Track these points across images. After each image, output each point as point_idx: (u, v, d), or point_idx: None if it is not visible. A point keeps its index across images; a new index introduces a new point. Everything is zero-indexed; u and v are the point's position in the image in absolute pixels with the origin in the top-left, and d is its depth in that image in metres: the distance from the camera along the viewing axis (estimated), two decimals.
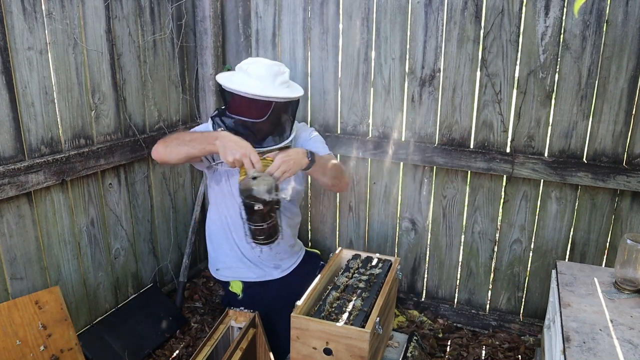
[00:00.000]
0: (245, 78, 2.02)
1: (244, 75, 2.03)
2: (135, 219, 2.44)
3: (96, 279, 2.24)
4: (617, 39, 2.07)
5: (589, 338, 1.42)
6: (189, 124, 2.69)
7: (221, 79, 2.05)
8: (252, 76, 2.01)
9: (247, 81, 2.00)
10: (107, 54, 2.14)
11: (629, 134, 2.16)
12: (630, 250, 1.60)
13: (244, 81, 2.00)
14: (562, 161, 2.24)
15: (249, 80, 2.00)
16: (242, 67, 2.06)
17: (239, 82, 2.00)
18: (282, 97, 2.02)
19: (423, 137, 2.47)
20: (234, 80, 2.02)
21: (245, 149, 1.75)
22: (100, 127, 2.16)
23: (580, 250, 2.36)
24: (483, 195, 2.45)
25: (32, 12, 1.80)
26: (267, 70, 2.03)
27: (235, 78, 2.04)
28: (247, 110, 1.99)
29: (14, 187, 1.78)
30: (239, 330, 1.86)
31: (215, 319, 2.60)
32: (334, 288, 1.84)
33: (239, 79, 2.02)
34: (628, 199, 2.23)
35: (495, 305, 2.59)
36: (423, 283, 2.70)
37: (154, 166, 2.52)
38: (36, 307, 1.81)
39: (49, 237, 2.00)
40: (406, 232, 2.64)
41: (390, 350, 1.97)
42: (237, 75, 2.06)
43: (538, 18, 2.16)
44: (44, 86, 1.89)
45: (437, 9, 2.29)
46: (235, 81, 2.01)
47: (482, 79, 2.31)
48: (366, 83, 2.50)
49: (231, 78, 2.05)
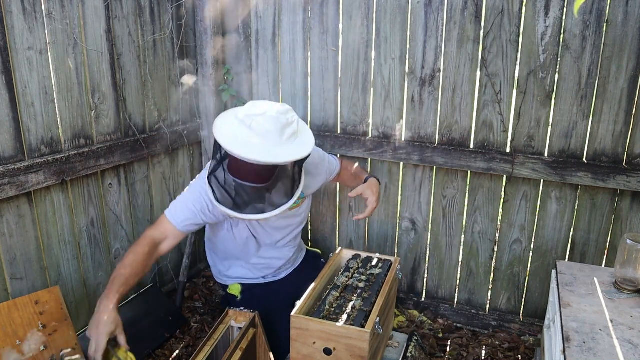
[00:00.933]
0: (248, 135, 1.72)
1: (247, 131, 1.72)
2: (135, 219, 2.44)
3: (96, 279, 2.24)
4: (617, 39, 2.07)
5: (589, 338, 1.42)
6: (188, 124, 2.69)
7: (220, 136, 1.72)
8: (257, 133, 1.71)
9: (251, 140, 1.70)
10: (107, 54, 2.14)
11: (629, 134, 2.16)
12: (630, 250, 1.60)
13: (247, 140, 1.70)
14: (562, 161, 2.24)
15: (253, 139, 1.71)
16: (244, 121, 1.75)
17: (242, 141, 1.70)
18: (291, 159, 1.75)
19: (423, 137, 2.47)
20: (236, 136, 1.72)
21: (96, 335, 1.62)
22: (100, 127, 2.16)
23: (580, 250, 2.36)
24: (483, 195, 2.45)
25: (32, 12, 1.80)
26: (274, 124, 1.72)
27: (238, 133, 1.73)
28: (250, 174, 1.74)
29: (14, 187, 1.78)
30: (239, 330, 1.86)
31: (215, 319, 2.60)
32: (334, 288, 1.84)
33: (242, 138, 1.71)
34: (628, 199, 2.23)
35: (495, 305, 2.59)
36: (423, 283, 2.70)
37: (153, 166, 2.52)
38: (36, 307, 1.81)
39: (49, 237, 2.00)
40: (406, 232, 2.64)
41: (390, 350, 1.97)
42: (239, 130, 1.74)
43: (538, 18, 2.16)
44: (44, 86, 1.89)
45: (437, 9, 2.29)
46: (238, 141, 1.70)
47: (482, 79, 2.31)
48: (366, 83, 2.50)
49: (233, 134, 1.73)
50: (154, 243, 1.88)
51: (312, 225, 2.84)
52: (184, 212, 1.92)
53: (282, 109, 1.79)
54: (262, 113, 1.74)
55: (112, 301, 1.67)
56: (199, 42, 2.64)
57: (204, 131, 2.77)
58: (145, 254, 1.83)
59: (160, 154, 2.53)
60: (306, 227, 2.83)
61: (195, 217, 1.93)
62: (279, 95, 2.69)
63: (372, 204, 2.08)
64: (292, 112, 1.83)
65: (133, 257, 1.80)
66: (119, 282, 1.73)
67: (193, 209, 1.92)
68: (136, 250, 1.82)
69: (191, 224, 1.94)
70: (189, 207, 1.93)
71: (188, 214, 1.92)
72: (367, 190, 2.09)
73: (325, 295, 1.79)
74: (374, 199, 2.08)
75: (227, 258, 2.25)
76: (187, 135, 2.67)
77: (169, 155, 2.61)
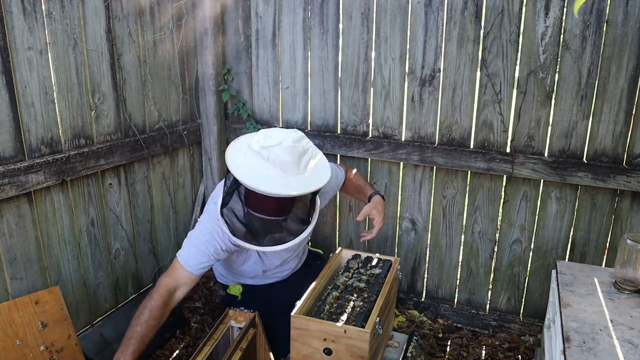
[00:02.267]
0: (265, 167, 1.67)
1: (264, 163, 1.67)
2: (135, 219, 2.44)
3: (96, 279, 2.24)
4: (617, 39, 2.07)
5: (589, 338, 1.42)
6: (188, 124, 2.69)
7: (236, 169, 1.66)
8: (275, 165, 1.67)
9: (269, 172, 1.66)
10: (107, 54, 2.14)
11: (629, 134, 2.16)
12: (630, 250, 1.60)
13: (265, 172, 1.66)
14: (562, 161, 2.24)
15: (271, 171, 1.66)
16: (261, 153, 1.69)
17: (260, 174, 1.65)
18: (312, 189, 1.72)
19: (423, 137, 2.47)
20: (252, 168, 1.67)
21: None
22: (100, 127, 2.16)
23: (580, 250, 2.36)
24: (483, 195, 2.45)
25: (32, 12, 1.80)
26: (291, 154, 1.68)
27: (254, 165, 1.68)
28: (270, 207, 1.70)
29: (14, 187, 1.78)
30: (239, 330, 1.86)
31: (215, 319, 2.60)
32: (334, 288, 1.84)
33: (259, 170, 1.66)
34: (628, 199, 2.23)
35: (495, 305, 2.59)
36: (423, 283, 2.70)
37: (153, 166, 2.52)
38: (36, 307, 1.81)
39: (49, 237, 2.00)
40: (406, 232, 2.64)
41: (390, 350, 1.97)
42: (255, 161, 1.69)
43: (538, 18, 2.16)
44: (44, 86, 1.89)
45: (437, 9, 2.29)
46: (255, 174, 1.65)
47: (482, 79, 2.31)
48: (366, 83, 2.50)
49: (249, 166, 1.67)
50: (169, 293, 1.83)
51: None
52: (197, 256, 1.85)
53: (296, 136, 1.75)
54: (278, 143, 1.69)
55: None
56: (199, 42, 2.64)
57: (204, 131, 2.77)
58: (160, 308, 1.79)
59: (160, 154, 2.53)
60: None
61: (209, 259, 1.87)
62: (279, 95, 2.69)
63: (379, 223, 2.10)
64: (306, 139, 1.79)
65: (149, 313, 1.76)
66: (135, 341, 1.71)
67: (206, 252, 1.86)
68: (151, 306, 1.78)
69: (206, 266, 1.88)
70: (202, 250, 1.86)
71: (202, 258, 1.86)
72: (373, 210, 2.11)
73: (325, 295, 1.79)
74: (380, 219, 2.10)
75: (231, 273, 2.24)
76: (187, 135, 2.67)
77: (169, 155, 2.61)
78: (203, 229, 1.89)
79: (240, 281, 2.24)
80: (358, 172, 2.37)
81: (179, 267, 1.86)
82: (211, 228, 1.87)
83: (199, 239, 1.88)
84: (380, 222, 2.11)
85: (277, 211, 1.73)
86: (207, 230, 1.88)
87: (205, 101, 2.72)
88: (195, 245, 1.87)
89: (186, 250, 1.88)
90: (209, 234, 1.87)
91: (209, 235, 1.87)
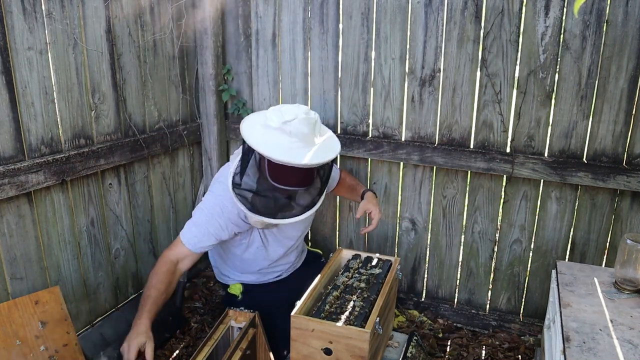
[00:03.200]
0: (290, 141, 1.74)
1: (288, 138, 1.75)
2: (135, 219, 2.44)
3: (96, 279, 2.24)
4: (617, 39, 2.07)
5: (589, 338, 1.42)
6: (188, 124, 2.70)
7: (269, 150, 1.71)
8: (298, 138, 1.75)
9: (294, 146, 1.74)
10: (107, 54, 2.14)
11: (629, 134, 2.16)
12: (630, 250, 1.60)
13: (290, 146, 1.73)
14: (562, 161, 2.24)
15: (295, 144, 1.74)
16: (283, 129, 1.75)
17: (289, 149, 1.72)
18: (335, 154, 1.85)
19: (423, 137, 2.47)
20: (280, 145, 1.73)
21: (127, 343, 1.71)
22: (100, 127, 2.16)
23: (580, 250, 2.36)
24: (483, 195, 2.45)
25: (32, 12, 1.80)
26: (308, 125, 1.78)
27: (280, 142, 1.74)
28: (295, 179, 1.76)
29: (14, 187, 1.77)
30: (239, 330, 1.86)
31: (215, 319, 2.60)
32: (334, 288, 1.84)
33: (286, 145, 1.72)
34: (628, 199, 2.23)
35: (495, 305, 2.59)
36: (423, 283, 2.70)
37: (153, 166, 2.52)
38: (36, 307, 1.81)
39: (49, 237, 2.00)
40: (406, 232, 2.64)
41: (390, 350, 1.97)
42: (281, 138, 1.75)
43: (538, 18, 2.16)
44: (44, 86, 1.89)
45: (437, 9, 2.29)
46: (287, 151, 1.71)
47: (482, 79, 2.31)
48: (366, 83, 2.50)
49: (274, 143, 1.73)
50: (173, 263, 1.93)
51: (312, 225, 2.84)
52: (198, 235, 1.94)
53: (304, 108, 1.83)
54: (294, 117, 1.76)
55: (143, 320, 1.77)
56: (199, 42, 2.64)
57: (204, 131, 2.77)
58: (166, 273, 1.90)
59: (160, 154, 2.53)
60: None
61: (209, 239, 1.95)
62: (279, 95, 2.69)
63: (377, 215, 2.13)
64: (308, 108, 1.87)
65: (156, 277, 1.87)
66: (148, 302, 1.82)
67: (207, 230, 1.94)
68: (157, 271, 1.89)
69: (206, 245, 1.97)
70: (202, 230, 1.94)
71: (202, 237, 1.95)
72: (369, 205, 2.16)
73: (325, 295, 1.79)
74: (377, 211, 2.14)
75: (234, 267, 2.25)
76: (187, 135, 2.67)
77: (169, 155, 2.61)
78: (206, 209, 1.95)
79: (243, 279, 2.24)
80: (350, 174, 2.47)
81: (180, 244, 1.94)
82: (215, 206, 1.94)
83: (201, 219, 1.95)
84: (378, 214, 2.14)
85: (303, 181, 1.80)
86: (210, 209, 1.95)
87: (205, 101, 2.72)
88: (197, 224, 1.95)
89: (188, 229, 1.96)
90: (210, 214, 1.94)
91: (209, 215, 1.93)
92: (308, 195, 1.88)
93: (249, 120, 1.90)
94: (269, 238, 2.14)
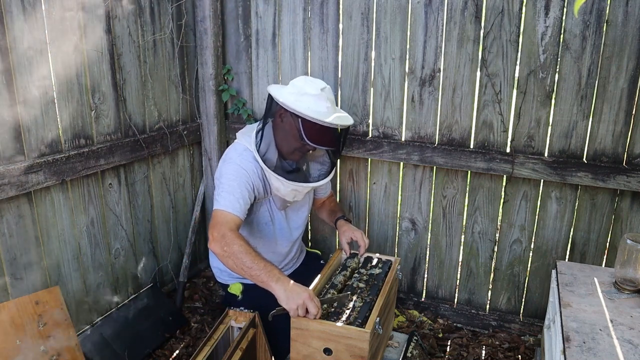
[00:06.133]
0: (327, 107, 1.94)
1: (326, 103, 1.94)
2: (135, 219, 2.44)
3: (96, 279, 2.24)
4: (617, 39, 2.07)
5: (589, 338, 1.42)
6: (188, 124, 2.70)
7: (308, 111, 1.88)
8: (332, 103, 1.98)
9: (330, 110, 1.94)
10: (107, 54, 2.14)
11: (629, 134, 2.16)
12: (630, 250, 1.60)
13: (328, 111, 1.93)
14: (562, 161, 2.24)
15: (330, 109, 1.94)
16: (321, 96, 1.93)
17: (331, 113, 1.93)
18: (352, 122, 2.07)
19: (423, 137, 2.47)
20: (320, 112, 1.90)
21: (307, 294, 1.62)
22: (100, 127, 2.16)
23: (580, 250, 2.36)
24: (483, 195, 2.45)
25: (32, 12, 1.80)
26: (330, 93, 2.01)
27: (321, 108, 1.92)
28: (327, 138, 1.94)
29: (14, 187, 1.78)
30: (239, 330, 1.86)
31: (215, 319, 2.60)
32: (333, 288, 1.84)
33: (326, 111, 1.92)
34: (628, 199, 2.23)
35: (495, 305, 2.59)
36: (423, 283, 2.70)
37: (153, 166, 2.52)
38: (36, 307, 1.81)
39: (49, 237, 2.00)
40: (406, 232, 2.64)
41: (390, 350, 1.97)
42: (321, 104, 1.93)
43: (538, 18, 2.15)
44: (44, 86, 1.89)
45: (437, 9, 2.29)
46: (332, 115, 1.93)
47: (482, 79, 2.31)
48: (366, 83, 2.50)
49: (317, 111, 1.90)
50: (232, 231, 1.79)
51: (312, 225, 2.84)
52: (239, 200, 1.87)
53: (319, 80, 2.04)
54: (326, 85, 1.99)
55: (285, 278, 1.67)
56: (199, 42, 2.64)
57: (204, 131, 2.77)
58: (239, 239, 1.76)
59: (160, 154, 2.53)
60: (306, 227, 2.82)
61: (245, 202, 1.90)
62: None
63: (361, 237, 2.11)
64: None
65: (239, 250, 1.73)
66: (267, 265, 1.70)
67: (242, 195, 1.89)
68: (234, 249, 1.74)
69: (245, 209, 1.90)
70: (237, 194, 1.88)
71: (240, 201, 1.87)
72: (354, 232, 2.14)
73: (324, 294, 1.79)
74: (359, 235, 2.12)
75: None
76: (187, 135, 2.67)
77: (169, 155, 2.61)
78: (230, 175, 1.92)
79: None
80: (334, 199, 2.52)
81: (224, 214, 1.82)
82: (237, 170, 1.93)
83: (232, 184, 1.90)
84: (362, 236, 2.11)
85: (333, 142, 1.98)
86: (234, 173, 1.92)
87: (205, 101, 2.72)
88: (230, 191, 1.88)
89: (224, 198, 1.86)
90: (237, 178, 1.91)
91: (237, 179, 1.91)
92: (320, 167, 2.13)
93: (279, 91, 1.98)
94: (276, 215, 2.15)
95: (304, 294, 1.62)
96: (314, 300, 1.62)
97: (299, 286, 1.65)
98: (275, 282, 1.66)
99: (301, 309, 1.61)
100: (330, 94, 1.99)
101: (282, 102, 1.91)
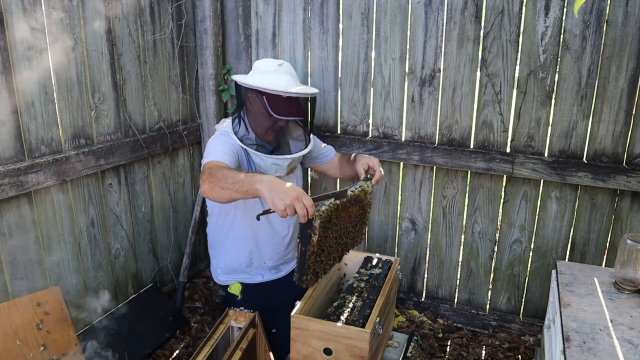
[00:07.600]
0: (288, 80, 2.02)
1: (286, 77, 2.02)
2: (135, 219, 2.44)
3: (96, 279, 2.24)
4: (617, 39, 2.07)
5: (589, 338, 1.42)
6: (188, 124, 2.70)
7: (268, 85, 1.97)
8: (292, 76, 2.05)
9: (290, 83, 2.02)
10: (107, 54, 2.14)
11: (629, 134, 2.16)
12: (630, 250, 1.60)
13: (288, 84, 2.01)
14: (562, 161, 2.24)
15: (291, 81, 2.03)
16: (279, 70, 2.03)
17: (285, 84, 2.00)
18: (317, 91, 2.16)
19: (423, 137, 2.47)
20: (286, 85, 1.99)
21: (295, 192, 1.49)
22: (100, 127, 2.16)
23: (580, 250, 2.36)
24: (483, 195, 2.45)
25: (32, 12, 1.80)
26: (292, 69, 2.11)
27: (281, 82, 2.00)
28: (293, 108, 2.02)
29: (14, 187, 1.78)
30: (239, 330, 1.86)
31: (215, 319, 2.60)
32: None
33: (287, 84, 2.00)
34: (628, 199, 2.23)
35: (495, 305, 2.59)
36: (423, 283, 2.70)
37: (153, 166, 2.52)
38: (36, 307, 1.81)
39: (49, 237, 2.00)
40: (406, 232, 2.64)
41: (390, 350, 1.97)
42: (281, 78, 2.01)
43: (538, 18, 2.15)
44: (44, 86, 1.89)
45: (437, 9, 2.29)
46: (294, 86, 2.02)
47: (482, 79, 2.31)
48: (366, 83, 2.50)
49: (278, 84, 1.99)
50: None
51: None
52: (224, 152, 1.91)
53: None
54: (283, 62, 2.09)
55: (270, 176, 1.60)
56: (199, 42, 2.64)
57: (204, 131, 2.77)
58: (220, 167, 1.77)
59: (160, 154, 2.53)
60: None
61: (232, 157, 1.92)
62: None
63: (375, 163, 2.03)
64: None
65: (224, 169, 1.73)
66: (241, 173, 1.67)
67: (228, 151, 1.93)
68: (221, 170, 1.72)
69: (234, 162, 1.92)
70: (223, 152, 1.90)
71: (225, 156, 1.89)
72: (366, 160, 2.04)
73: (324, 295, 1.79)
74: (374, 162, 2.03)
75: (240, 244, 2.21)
76: (187, 135, 2.67)
77: (169, 155, 2.61)
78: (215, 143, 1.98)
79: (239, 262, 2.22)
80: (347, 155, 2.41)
81: (210, 162, 1.83)
82: (222, 139, 2.00)
83: (217, 146, 1.95)
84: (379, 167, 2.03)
85: (299, 111, 2.06)
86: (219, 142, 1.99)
87: (205, 101, 2.72)
88: (215, 151, 1.90)
89: (210, 156, 1.88)
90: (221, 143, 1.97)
91: (222, 144, 1.96)
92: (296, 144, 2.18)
93: (242, 77, 2.10)
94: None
95: (292, 192, 1.48)
96: (303, 200, 1.48)
97: (287, 184, 1.52)
98: (259, 182, 1.55)
99: (289, 209, 1.48)
100: (290, 69, 2.07)
101: (244, 82, 2.02)
